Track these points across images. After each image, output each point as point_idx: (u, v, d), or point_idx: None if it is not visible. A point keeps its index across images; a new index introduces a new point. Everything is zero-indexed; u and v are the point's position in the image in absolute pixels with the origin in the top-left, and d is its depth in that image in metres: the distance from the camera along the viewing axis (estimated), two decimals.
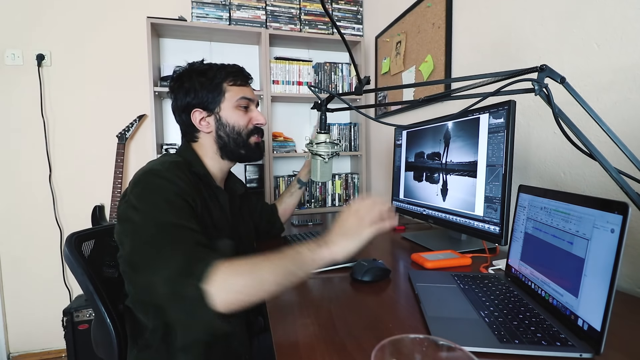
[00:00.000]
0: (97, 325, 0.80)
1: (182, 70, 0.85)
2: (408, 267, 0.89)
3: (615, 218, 0.46)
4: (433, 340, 0.34)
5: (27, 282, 1.87)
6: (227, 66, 0.86)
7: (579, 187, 0.86)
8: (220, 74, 0.83)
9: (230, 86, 0.84)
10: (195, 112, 0.82)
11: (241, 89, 0.85)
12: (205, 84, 0.82)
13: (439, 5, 1.39)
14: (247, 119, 0.86)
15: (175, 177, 0.69)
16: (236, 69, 0.86)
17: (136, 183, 0.68)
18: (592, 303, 0.48)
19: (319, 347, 0.51)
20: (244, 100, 0.85)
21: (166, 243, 0.59)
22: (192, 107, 0.82)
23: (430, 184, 1.12)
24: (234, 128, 0.84)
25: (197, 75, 0.82)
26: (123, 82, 1.95)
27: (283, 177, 2.06)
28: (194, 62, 0.86)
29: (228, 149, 0.85)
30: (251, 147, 0.87)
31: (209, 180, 0.83)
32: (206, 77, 0.82)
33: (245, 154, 0.87)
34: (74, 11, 1.86)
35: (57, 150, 1.88)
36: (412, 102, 0.87)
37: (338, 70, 2.12)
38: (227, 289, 0.54)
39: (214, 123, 0.84)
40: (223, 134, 0.84)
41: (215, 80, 0.82)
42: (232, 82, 0.84)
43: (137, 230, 0.62)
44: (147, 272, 0.58)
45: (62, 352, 1.89)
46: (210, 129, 0.83)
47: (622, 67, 0.76)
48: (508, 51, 1.07)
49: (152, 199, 0.65)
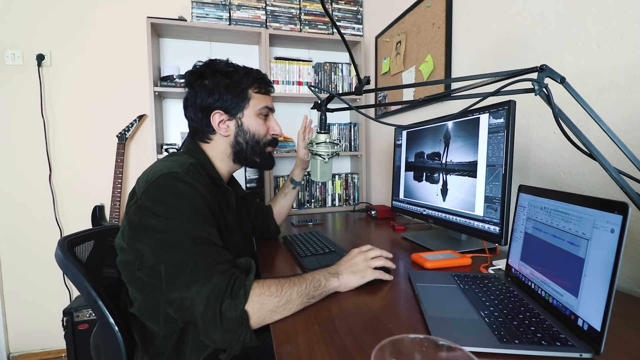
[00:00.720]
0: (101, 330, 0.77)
1: (203, 66, 0.82)
2: (408, 267, 0.89)
3: (615, 218, 0.46)
4: (433, 340, 0.34)
5: (27, 282, 1.87)
6: (253, 72, 0.85)
7: (579, 187, 0.86)
8: (247, 79, 0.82)
9: (255, 93, 0.83)
10: (215, 114, 0.80)
11: (264, 97, 0.86)
12: (231, 87, 0.80)
13: (439, 5, 1.39)
14: (266, 128, 0.87)
15: (196, 182, 0.67)
16: (261, 76, 0.86)
17: (151, 184, 0.65)
18: (592, 303, 0.48)
19: (319, 347, 0.51)
20: (266, 109, 0.86)
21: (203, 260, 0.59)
22: (213, 108, 0.80)
23: (430, 184, 1.12)
24: (254, 136, 0.84)
25: (222, 76, 0.80)
26: (123, 82, 1.95)
27: (283, 177, 2.06)
28: (217, 60, 0.83)
29: (243, 155, 0.85)
30: (266, 156, 0.89)
31: (221, 182, 0.82)
32: (232, 80, 0.80)
33: (260, 162, 0.88)
34: (74, 11, 1.86)
35: (57, 150, 1.88)
36: (412, 102, 0.87)
37: (338, 70, 2.12)
38: (263, 310, 0.58)
39: (234, 128, 0.83)
40: (242, 140, 0.83)
41: (242, 86, 0.81)
42: (257, 90, 0.84)
43: (164, 240, 0.60)
44: (182, 289, 0.57)
45: (62, 352, 1.89)
46: (229, 132, 0.82)
47: (622, 67, 0.76)
48: (508, 51, 1.07)
49: (175, 205, 0.63)
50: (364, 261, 0.73)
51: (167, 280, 0.59)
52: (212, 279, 0.57)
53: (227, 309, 0.55)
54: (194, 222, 0.62)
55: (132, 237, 0.64)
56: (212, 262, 0.59)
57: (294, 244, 1.06)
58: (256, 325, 0.58)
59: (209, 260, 0.59)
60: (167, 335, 0.68)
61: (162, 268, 0.59)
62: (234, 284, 0.58)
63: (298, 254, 0.96)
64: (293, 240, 1.10)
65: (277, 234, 1.21)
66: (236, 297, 0.56)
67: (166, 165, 0.68)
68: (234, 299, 0.56)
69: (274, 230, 1.18)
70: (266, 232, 1.17)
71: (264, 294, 0.58)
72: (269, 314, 0.59)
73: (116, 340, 0.71)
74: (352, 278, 0.70)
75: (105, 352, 0.77)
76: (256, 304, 0.57)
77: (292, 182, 1.19)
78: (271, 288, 0.60)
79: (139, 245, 0.63)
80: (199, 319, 0.55)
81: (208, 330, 0.56)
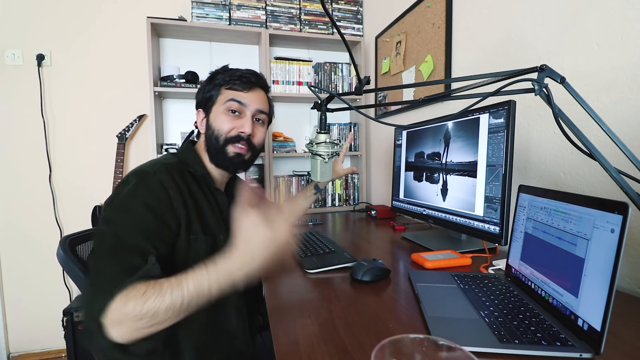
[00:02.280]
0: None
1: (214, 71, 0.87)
2: (408, 267, 0.89)
3: (615, 218, 0.46)
4: (433, 340, 0.34)
5: (27, 282, 1.87)
6: (235, 70, 0.84)
7: (579, 187, 0.86)
8: (224, 77, 0.82)
9: (226, 90, 0.82)
10: (199, 112, 0.86)
11: (236, 92, 0.81)
12: (208, 84, 0.84)
13: (439, 5, 1.39)
14: (231, 125, 0.80)
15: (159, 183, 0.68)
16: (239, 73, 0.82)
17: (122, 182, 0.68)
18: (592, 303, 0.48)
19: (319, 347, 0.51)
20: (234, 103, 0.80)
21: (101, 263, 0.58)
22: (197, 106, 0.86)
23: (430, 184, 1.12)
24: (213, 133, 0.80)
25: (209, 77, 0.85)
26: (123, 82, 1.95)
27: (283, 177, 2.06)
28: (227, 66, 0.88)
29: (211, 154, 0.82)
30: (227, 156, 0.80)
31: (207, 181, 0.81)
32: (212, 79, 0.84)
33: (222, 163, 0.81)
34: (74, 11, 1.86)
35: (57, 150, 1.88)
36: (412, 102, 0.87)
37: (338, 70, 2.12)
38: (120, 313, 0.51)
39: (205, 125, 0.84)
40: (208, 136, 0.82)
41: (216, 82, 0.83)
42: (229, 86, 0.82)
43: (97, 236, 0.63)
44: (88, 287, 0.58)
45: (62, 352, 1.89)
46: (204, 130, 0.84)
47: (622, 67, 0.76)
48: (508, 51, 1.07)
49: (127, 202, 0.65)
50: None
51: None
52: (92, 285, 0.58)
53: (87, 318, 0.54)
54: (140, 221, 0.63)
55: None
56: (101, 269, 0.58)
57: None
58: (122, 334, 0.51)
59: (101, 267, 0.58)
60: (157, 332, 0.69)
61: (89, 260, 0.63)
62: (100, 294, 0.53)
63: (298, 254, 0.96)
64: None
65: None
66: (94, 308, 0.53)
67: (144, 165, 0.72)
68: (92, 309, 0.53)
69: None
70: None
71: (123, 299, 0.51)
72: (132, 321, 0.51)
73: None
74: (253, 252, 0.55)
75: None
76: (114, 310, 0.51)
77: (316, 189, 1.15)
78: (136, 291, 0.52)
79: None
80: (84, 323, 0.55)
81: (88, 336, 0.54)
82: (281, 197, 2.05)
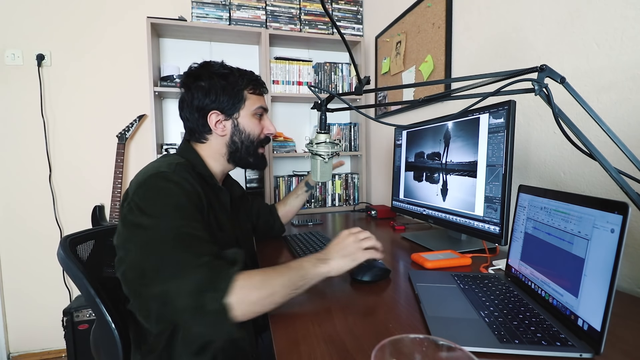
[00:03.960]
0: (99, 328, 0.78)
1: (199, 67, 0.84)
2: (408, 267, 0.89)
3: (615, 218, 0.46)
4: (433, 340, 0.34)
5: (27, 282, 1.87)
6: (247, 73, 0.87)
7: (579, 187, 0.86)
8: (242, 81, 0.84)
9: (250, 94, 0.86)
10: (212, 115, 0.83)
11: (259, 98, 0.88)
12: (227, 88, 0.83)
13: (439, 5, 1.39)
14: (260, 127, 0.89)
15: (183, 180, 0.69)
16: (255, 77, 0.88)
17: (141, 185, 0.67)
18: (592, 303, 0.48)
19: (319, 347, 0.51)
20: (261, 110, 0.88)
21: (184, 254, 0.59)
22: (210, 109, 0.82)
23: (430, 184, 1.12)
24: (249, 136, 0.86)
25: (218, 77, 0.82)
26: (123, 82, 1.95)
27: (283, 177, 2.06)
28: (212, 62, 0.86)
29: (237, 155, 0.87)
30: (259, 156, 0.91)
31: (213, 181, 0.84)
32: (228, 82, 0.83)
33: (253, 162, 0.90)
34: (74, 11, 1.86)
35: (57, 150, 1.88)
36: (412, 102, 0.87)
37: (338, 70, 2.12)
38: (246, 302, 0.57)
39: (231, 128, 0.85)
40: (237, 139, 0.85)
41: (237, 87, 0.84)
42: (252, 91, 0.86)
43: (149, 237, 0.61)
44: (163, 283, 0.57)
45: (62, 352, 1.89)
46: (225, 132, 0.84)
47: (622, 67, 0.76)
48: (508, 51, 1.07)
49: (161, 203, 0.64)
50: (354, 243, 0.71)
51: (150, 276, 0.59)
52: (192, 272, 0.57)
53: (208, 302, 0.55)
54: (177, 218, 0.63)
55: (123, 236, 0.66)
56: (193, 256, 0.59)
57: (293, 243, 1.06)
58: (241, 318, 0.57)
59: (190, 255, 0.59)
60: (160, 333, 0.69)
61: (145, 265, 0.60)
62: (217, 277, 0.58)
63: (298, 253, 0.96)
64: (293, 240, 1.10)
65: (281, 232, 1.21)
66: (218, 290, 0.56)
67: (154, 166, 0.71)
68: (216, 291, 0.56)
69: (279, 229, 1.18)
70: (270, 231, 1.17)
71: (246, 287, 0.58)
72: (253, 306, 0.58)
73: (113, 338, 0.72)
74: (342, 262, 0.69)
75: (103, 349, 0.78)
76: (239, 296, 0.56)
77: (307, 186, 1.19)
78: (254, 280, 0.59)
79: (128, 245, 0.64)
80: (180, 313, 0.56)
81: (191, 323, 0.56)
82: (281, 199, 2.05)
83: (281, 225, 1.18)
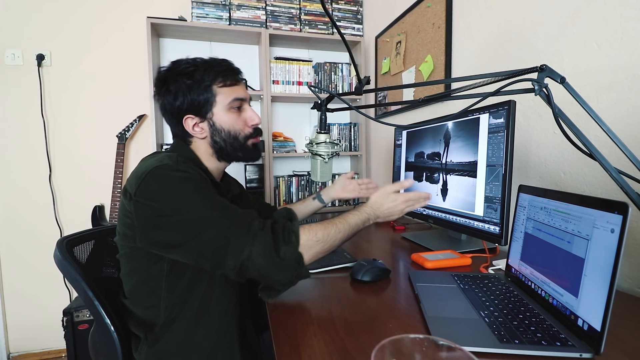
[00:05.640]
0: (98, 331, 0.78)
1: (165, 71, 0.78)
2: (408, 267, 0.89)
3: (615, 218, 0.46)
4: (433, 340, 0.34)
5: (27, 282, 1.87)
6: (215, 65, 0.78)
7: (579, 187, 0.86)
8: (209, 75, 0.76)
9: (220, 88, 0.77)
10: (187, 119, 0.77)
11: (232, 89, 0.79)
12: (194, 87, 0.75)
13: (439, 5, 1.39)
14: (242, 121, 0.81)
15: (190, 169, 0.68)
16: (225, 67, 0.79)
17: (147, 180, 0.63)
18: (592, 303, 0.48)
19: (319, 347, 0.51)
20: (237, 102, 0.79)
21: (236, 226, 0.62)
22: (183, 114, 0.77)
23: (430, 184, 1.12)
24: (230, 133, 0.79)
25: (183, 77, 0.75)
26: (123, 82, 1.95)
27: (283, 177, 2.06)
28: (178, 61, 0.78)
29: (225, 153, 0.81)
30: (249, 149, 0.84)
31: (211, 177, 0.81)
32: (193, 80, 0.75)
33: (243, 156, 0.84)
34: (74, 11, 1.86)
35: (57, 150, 1.88)
36: (412, 102, 0.87)
37: (338, 70, 2.12)
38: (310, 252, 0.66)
39: (208, 129, 0.78)
40: (219, 139, 0.79)
41: (204, 83, 0.75)
42: (222, 83, 0.77)
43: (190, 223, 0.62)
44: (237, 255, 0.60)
45: (62, 352, 1.88)
46: (204, 134, 0.79)
47: (622, 67, 0.76)
48: (508, 51, 1.07)
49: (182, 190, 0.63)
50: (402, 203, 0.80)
51: (214, 257, 0.61)
52: (257, 237, 0.62)
53: (287, 253, 0.62)
54: (204, 199, 0.64)
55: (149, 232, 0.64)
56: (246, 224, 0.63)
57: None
58: (308, 262, 0.66)
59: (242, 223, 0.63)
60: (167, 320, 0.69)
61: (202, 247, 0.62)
62: (283, 232, 0.64)
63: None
64: None
65: None
66: (290, 242, 0.63)
67: (155, 160, 0.68)
68: (288, 244, 0.63)
69: None
70: None
71: (311, 240, 0.66)
72: (316, 254, 0.67)
73: (112, 340, 0.72)
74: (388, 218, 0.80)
75: (102, 351, 0.78)
76: (305, 248, 0.65)
77: (318, 197, 1.15)
78: (318, 234, 0.67)
79: (163, 236, 0.63)
80: (262, 269, 0.61)
81: (273, 274, 0.62)
82: (281, 199, 2.05)
83: None
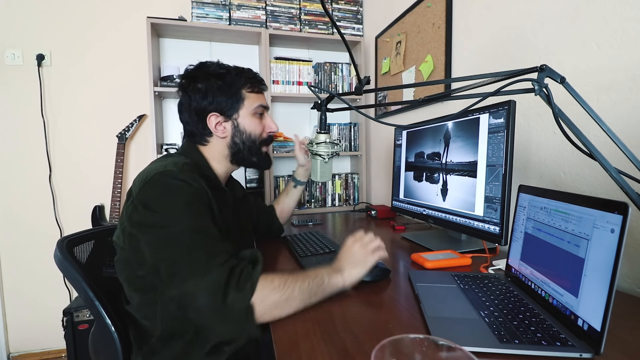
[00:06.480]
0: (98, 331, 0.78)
1: (195, 69, 0.83)
2: (408, 267, 0.89)
3: (615, 218, 0.46)
4: (433, 340, 0.34)
5: (27, 282, 1.87)
6: (245, 71, 0.84)
7: (579, 187, 0.86)
8: (239, 79, 0.82)
9: (248, 93, 0.83)
10: (211, 117, 0.80)
11: (258, 96, 0.86)
12: (224, 88, 0.80)
13: (439, 5, 1.39)
14: (262, 127, 0.87)
15: (191, 179, 0.68)
16: (253, 75, 0.85)
17: (147, 183, 0.65)
18: (592, 303, 0.48)
19: (319, 347, 0.51)
20: (261, 108, 0.86)
21: (201, 252, 0.59)
22: (208, 111, 0.80)
23: (430, 184, 1.12)
24: (251, 135, 0.84)
25: (214, 78, 0.80)
26: (123, 82, 1.95)
27: (283, 177, 2.06)
28: (208, 62, 0.83)
29: (240, 155, 0.85)
30: (263, 156, 0.89)
31: (217, 182, 0.82)
32: (224, 82, 0.80)
33: (257, 161, 0.88)
34: (74, 11, 1.86)
35: (57, 150, 1.88)
36: (412, 102, 0.87)
37: (338, 70, 2.12)
38: (267, 304, 0.58)
39: (231, 129, 0.83)
40: (239, 140, 0.84)
41: (235, 86, 0.81)
42: (251, 89, 0.84)
43: (162, 236, 0.61)
44: (182, 283, 0.57)
45: (62, 352, 1.89)
46: (225, 134, 0.83)
47: (622, 67, 0.76)
48: (508, 51, 1.07)
49: (171, 202, 0.63)
50: (361, 249, 0.73)
51: (166, 276, 0.59)
52: (211, 271, 0.57)
53: (235, 301, 0.55)
54: (190, 216, 0.63)
55: (133, 236, 0.64)
56: (210, 255, 0.59)
57: (293, 244, 1.06)
58: (260, 319, 0.58)
59: (206, 253, 0.59)
60: (164, 334, 0.68)
61: (161, 265, 0.60)
62: (240, 275, 0.58)
63: (298, 254, 0.96)
64: (293, 240, 1.10)
65: (280, 232, 1.21)
66: (243, 289, 0.56)
67: (161, 165, 0.69)
68: (240, 290, 0.56)
69: (277, 229, 1.18)
70: (269, 232, 1.17)
71: (267, 287, 0.58)
72: (270, 309, 0.58)
73: (113, 340, 0.72)
74: (355, 271, 0.69)
75: (102, 352, 0.77)
76: (261, 297, 0.57)
77: (294, 181, 1.19)
78: (274, 282, 0.60)
79: (140, 245, 0.63)
80: (204, 312, 0.56)
81: (213, 323, 0.56)
82: None
83: (280, 226, 1.18)
